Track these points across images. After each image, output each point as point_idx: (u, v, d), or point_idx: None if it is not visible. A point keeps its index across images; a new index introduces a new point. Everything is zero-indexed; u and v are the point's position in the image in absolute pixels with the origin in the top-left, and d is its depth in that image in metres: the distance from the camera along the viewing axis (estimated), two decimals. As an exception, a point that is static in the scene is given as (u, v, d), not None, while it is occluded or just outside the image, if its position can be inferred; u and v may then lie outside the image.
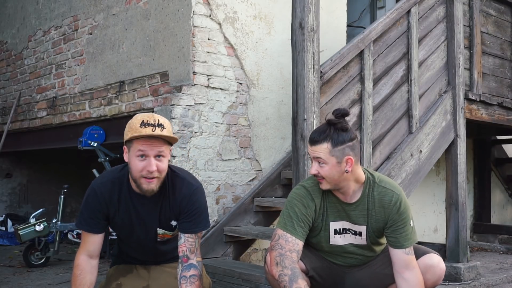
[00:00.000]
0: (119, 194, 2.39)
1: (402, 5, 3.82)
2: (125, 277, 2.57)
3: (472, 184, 6.42)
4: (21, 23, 6.26)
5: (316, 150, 2.35)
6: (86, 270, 2.38)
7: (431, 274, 2.48)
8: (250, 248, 4.18)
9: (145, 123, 2.23)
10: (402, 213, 2.41)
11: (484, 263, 4.78)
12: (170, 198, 2.41)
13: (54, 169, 6.99)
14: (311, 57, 3.13)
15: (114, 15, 4.78)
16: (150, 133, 2.21)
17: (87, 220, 2.40)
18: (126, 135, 2.29)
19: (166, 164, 2.32)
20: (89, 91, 5.03)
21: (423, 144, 3.85)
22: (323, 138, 2.34)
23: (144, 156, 2.25)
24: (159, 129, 2.24)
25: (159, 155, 2.27)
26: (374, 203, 2.43)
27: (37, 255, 4.60)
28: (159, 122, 2.26)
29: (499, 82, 4.86)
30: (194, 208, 2.41)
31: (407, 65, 3.86)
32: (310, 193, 2.45)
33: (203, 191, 2.49)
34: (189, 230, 2.40)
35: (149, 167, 2.25)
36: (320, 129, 2.39)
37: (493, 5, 4.84)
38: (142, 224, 2.44)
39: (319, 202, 2.45)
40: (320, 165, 2.36)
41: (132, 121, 2.29)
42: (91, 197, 2.41)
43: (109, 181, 2.42)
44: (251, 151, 4.30)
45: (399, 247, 2.40)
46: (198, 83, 4.00)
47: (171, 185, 2.42)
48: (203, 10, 4.05)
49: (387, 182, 2.48)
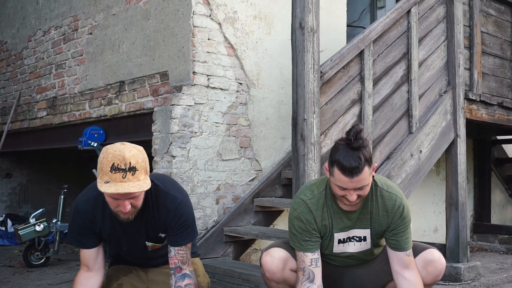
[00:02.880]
0: (103, 211, 2.34)
1: (402, 5, 3.82)
2: (125, 277, 2.57)
3: (472, 184, 6.41)
4: (21, 23, 6.26)
5: (360, 178, 2.22)
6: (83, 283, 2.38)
7: (433, 268, 2.50)
8: (250, 248, 4.18)
9: (115, 167, 2.10)
10: (405, 217, 2.42)
11: (484, 263, 4.78)
12: (155, 213, 2.36)
13: (54, 169, 6.99)
14: (311, 57, 3.13)
15: (114, 15, 4.77)
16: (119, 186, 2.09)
17: (76, 237, 2.40)
18: (98, 175, 2.16)
19: (141, 198, 2.24)
20: (89, 91, 5.03)
21: (423, 144, 3.85)
22: (363, 164, 2.21)
23: (116, 199, 2.18)
24: (130, 174, 2.11)
25: (132, 197, 2.19)
26: (378, 207, 2.42)
27: (37, 255, 4.60)
28: (131, 165, 2.12)
29: (499, 82, 4.85)
30: (180, 222, 2.36)
31: (407, 65, 3.86)
32: (308, 205, 2.40)
33: (188, 203, 2.42)
34: (178, 243, 2.38)
35: (122, 208, 2.19)
36: (349, 156, 2.21)
37: (493, 5, 4.84)
38: (130, 238, 2.42)
39: (319, 214, 2.41)
40: (359, 190, 2.26)
41: (103, 159, 2.14)
42: (76, 215, 2.38)
43: (91, 198, 2.36)
44: (251, 151, 4.30)
45: (400, 249, 2.42)
46: (198, 83, 4.00)
47: (155, 200, 2.35)
48: (203, 10, 4.05)
49: (389, 185, 2.46)
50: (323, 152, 3.26)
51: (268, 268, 2.48)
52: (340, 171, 2.22)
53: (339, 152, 2.25)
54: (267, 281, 2.53)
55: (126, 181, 2.11)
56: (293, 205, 2.45)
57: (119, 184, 2.10)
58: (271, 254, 2.50)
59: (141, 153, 2.20)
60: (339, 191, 2.29)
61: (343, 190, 2.27)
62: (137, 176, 2.14)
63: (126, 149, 2.16)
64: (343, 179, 2.23)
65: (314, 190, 2.43)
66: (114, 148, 2.17)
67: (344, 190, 2.26)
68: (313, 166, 3.09)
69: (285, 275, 2.50)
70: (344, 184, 2.24)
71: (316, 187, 2.45)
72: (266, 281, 2.55)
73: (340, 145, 2.28)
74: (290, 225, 2.44)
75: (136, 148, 2.21)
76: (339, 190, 2.28)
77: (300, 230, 2.39)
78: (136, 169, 2.13)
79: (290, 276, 2.50)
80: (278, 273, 2.48)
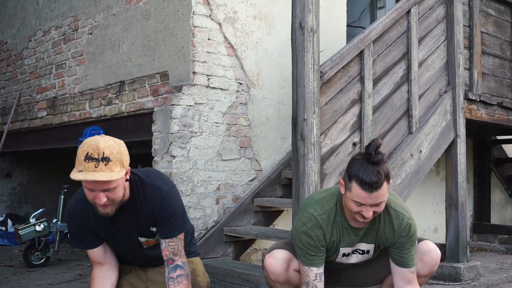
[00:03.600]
0: (94, 211, 2.33)
1: (402, 5, 3.82)
2: (125, 277, 2.58)
3: (472, 184, 6.41)
4: (21, 23, 6.26)
5: (378, 194, 2.17)
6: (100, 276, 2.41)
7: (429, 258, 2.54)
8: (250, 248, 4.18)
9: (89, 157, 2.11)
10: (411, 236, 2.41)
11: (484, 263, 4.78)
12: (143, 207, 2.35)
13: (54, 169, 6.98)
14: (311, 57, 3.13)
15: (114, 15, 4.78)
16: (91, 174, 2.09)
17: (78, 240, 2.41)
18: (75, 165, 2.16)
19: (119, 191, 2.21)
20: (89, 91, 5.03)
21: (423, 144, 3.85)
22: (383, 180, 2.17)
23: (92, 190, 2.17)
24: (103, 164, 2.11)
25: (107, 190, 2.17)
26: (385, 225, 2.40)
27: (37, 255, 4.60)
28: (104, 155, 2.12)
29: (499, 82, 4.86)
30: (167, 214, 2.34)
31: (407, 65, 3.86)
32: (318, 221, 2.35)
33: (174, 193, 2.40)
34: (168, 235, 2.37)
35: (98, 200, 2.18)
36: (369, 171, 2.16)
37: (493, 5, 4.84)
38: (123, 235, 2.42)
39: (329, 231, 2.37)
40: (376, 206, 2.22)
41: (80, 148, 2.16)
42: (70, 219, 2.40)
43: (80, 200, 2.36)
44: (251, 151, 4.30)
45: (404, 266, 2.43)
46: (198, 83, 4.00)
47: (142, 194, 2.34)
48: (203, 10, 4.05)
49: (398, 204, 2.43)
50: (323, 152, 3.26)
51: (272, 270, 2.48)
52: (360, 186, 2.17)
53: (358, 167, 2.19)
54: (272, 283, 2.53)
55: (97, 170, 2.11)
56: (302, 219, 2.38)
57: (90, 173, 2.10)
58: (274, 256, 2.50)
59: (118, 145, 2.19)
60: (355, 207, 2.23)
61: (359, 206, 2.21)
62: (111, 167, 2.13)
63: (102, 140, 2.17)
64: (362, 195, 2.18)
65: (325, 205, 2.38)
66: (91, 139, 2.19)
67: (360, 206, 2.21)
68: (313, 166, 3.10)
69: (289, 276, 2.50)
70: (363, 199, 2.19)
71: (326, 202, 2.39)
72: (270, 283, 2.54)
73: (358, 160, 2.23)
74: (297, 238, 2.39)
75: (113, 140, 2.20)
76: (355, 206, 2.23)
77: (308, 245, 2.36)
78: (109, 159, 2.12)
79: (295, 276, 2.50)
80: (282, 275, 2.48)
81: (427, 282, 3.92)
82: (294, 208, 3.16)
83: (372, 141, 2.24)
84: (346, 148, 3.41)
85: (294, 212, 3.13)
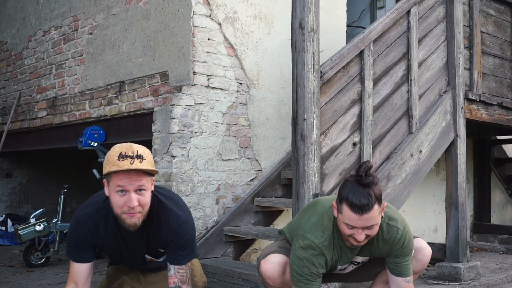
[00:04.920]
0: (105, 225, 2.33)
1: (402, 5, 3.82)
2: (125, 276, 2.58)
3: (472, 184, 6.41)
4: (21, 23, 6.26)
5: (369, 216, 2.16)
6: None
7: (422, 255, 2.57)
8: (250, 248, 4.18)
9: (123, 155, 2.14)
10: (406, 246, 2.41)
11: (484, 263, 4.78)
12: (156, 230, 2.34)
13: (54, 169, 6.99)
14: (311, 57, 3.13)
15: (114, 15, 4.78)
16: (128, 166, 2.12)
17: (74, 250, 2.37)
18: (104, 169, 2.18)
19: (148, 197, 2.23)
20: (89, 91, 5.03)
21: (423, 144, 3.85)
22: (373, 202, 2.15)
23: (124, 191, 2.16)
24: (138, 161, 2.14)
25: (140, 189, 2.18)
26: (378, 240, 2.39)
27: (37, 255, 4.60)
28: (138, 153, 2.16)
29: (499, 82, 4.85)
30: (181, 242, 2.34)
31: (407, 65, 3.86)
32: (321, 250, 2.32)
33: (190, 222, 2.40)
34: (178, 262, 2.36)
35: (129, 202, 2.16)
36: (359, 193, 2.15)
37: (493, 5, 4.84)
38: (130, 251, 2.42)
39: (330, 255, 2.36)
40: (368, 229, 2.21)
41: (110, 153, 2.19)
42: (77, 228, 2.35)
43: (94, 211, 2.35)
44: (251, 151, 4.30)
45: (399, 275, 2.44)
46: (198, 83, 4.00)
47: (157, 216, 2.33)
48: (203, 10, 4.05)
49: (391, 217, 2.41)
50: (323, 152, 3.26)
51: (269, 275, 2.48)
52: (350, 208, 2.16)
53: (348, 189, 2.19)
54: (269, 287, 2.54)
55: (133, 166, 2.13)
56: (302, 245, 2.33)
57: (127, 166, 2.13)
58: (270, 260, 2.49)
59: (148, 151, 2.25)
60: (347, 230, 2.22)
61: (351, 229, 2.21)
62: (145, 165, 2.16)
63: (133, 143, 2.23)
64: (352, 217, 2.17)
65: (325, 231, 2.34)
66: (121, 143, 2.23)
67: (352, 228, 2.20)
68: (313, 166, 3.10)
69: (285, 279, 2.50)
70: (353, 222, 2.18)
71: (326, 228, 2.35)
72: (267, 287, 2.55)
73: (349, 182, 2.22)
74: (297, 265, 2.33)
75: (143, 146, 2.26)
76: (347, 229, 2.22)
77: (310, 273, 2.32)
78: (143, 158, 2.17)
79: None
80: (279, 278, 2.48)
81: (428, 283, 3.93)
82: (294, 208, 3.16)
83: (363, 163, 2.24)
84: (346, 148, 3.41)
85: (294, 212, 3.13)
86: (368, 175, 2.19)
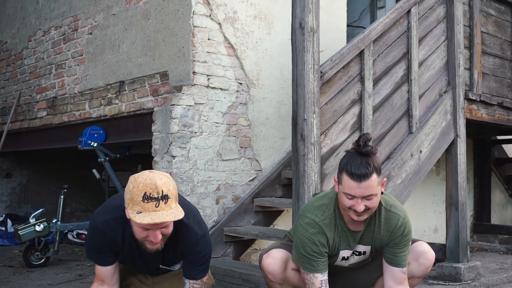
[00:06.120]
0: (123, 233, 2.31)
1: (402, 5, 3.82)
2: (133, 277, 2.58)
3: (472, 184, 6.41)
4: (21, 23, 6.26)
5: (368, 185, 2.20)
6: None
7: (424, 259, 2.56)
8: (250, 248, 4.18)
9: (148, 197, 2.06)
10: (406, 235, 2.43)
11: (484, 263, 4.78)
12: (173, 244, 2.33)
13: (54, 169, 6.99)
14: (311, 57, 3.13)
15: (114, 15, 4.77)
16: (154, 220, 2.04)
17: (96, 254, 2.36)
18: (127, 205, 2.11)
19: (171, 226, 2.18)
20: (89, 91, 5.03)
21: (423, 144, 3.85)
22: (372, 170, 2.19)
23: (147, 229, 2.13)
24: (163, 203, 2.07)
25: (164, 227, 2.14)
26: (380, 226, 2.42)
27: (37, 255, 4.60)
28: (163, 194, 2.07)
29: (499, 82, 4.85)
30: (198, 258, 2.34)
31: (407, 65, 3.86)
32: (321, 227, 2.36)
33: (207, 238, 2.38)
34: (194, 277, 2.36)
35: (153, 238, 2.13)
36: (358, 162, 2.21)
37: (493, 5, 4.84)
38: (145, 261, 2.41)
39: (332, 235, 2.38)
40: (367, 200, 2.23)
41: (134, 189, 2.09)
42: (96, 235, 2.33)
43: (112, 220, 2.31)
44: (251, 151, 4.30)
45: (396, 265, 2.44)
46: (198, 83, 4.00)
47: (175, 231, 2.29)
48: (203, 10, 4.05)
49: (393, 205, 2.45)
50: (323, 152, 3.26)
51: (270, 270, 2.48)
52: (349, 176, 2.21)
53: (348, 159, 2.26)
54: (270, 283, 2.53)
55: (159, 209, 2.07)
56: (303, 225, 2.38)
57: (153, 213, 2.06)
58: (271, 255, 2.50)
59: (171, 180, 2.17)
60: (347, 201, 2.25)
61: (351, 199, 2.24)
62: (170, 204, 2.10)
63: (156, 177, 2.12)
64: (351, 185, 2.21)
65: (325, 210, 2.39)
66: (144, 176, 2.12)
67: (352, 199, 2.23)
68: (313, 166, 3.10)
69: (287, 275, 2.50)
70: (352, 190, 2.21)
71: (326, 208, 2.40)
72: (268, 283, 2.55)
73: (348, 153, 2.29)
74: (300, 245, 2.37)
75: (166, 176, 2.17)
76: (347, 200, 2.25)
77: (312, 252, 2.35)
78: (168, 197, 2.09)
79: (293, 275, 2.50)
80: (280, 274, 2.49)
81: (428, 283, 3.92)
82: (294, 208, 3.16)
83: (362, 134, 2.30)
84: (347, 148, 3.39)
85: (294, 212, 3.13)
86: (367, 145, 2.25)
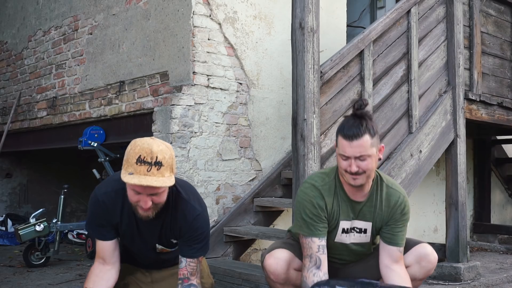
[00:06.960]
0: (122, 206, 2.32)
1: (402, 5, 3.82)
2: (131, 276, 2.58)
3: (472, 184, 6.41)
4: (21, 23, 6.26)
5: (359, 144, 2.25)
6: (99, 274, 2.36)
7: (426, 262, 2.54)
8: (250, 248, 4.18)
9: (141, 160, 2.09)
10: (405, 214, 2.47)
11: (484, 263, 4.78)
12: (172, 219, 2.34)
13: (54, 169, 6.99)
14: (311, 57, 3.13)
15: (114, 15, 4.78)
16: (143, 173, 2.08)
17: (96, 228, 2.37)
18: (123, 166, 2.14)
19: (163, 196, 2.21)
20: (89, 91, 5.03)
21: (423, 144, 3.85)
22: (364, 131, 2.26)
23: (138, 192, 2.15)
24: (155, 169, 2.09)
25: (154, 194, 2.16)
26: (381, 202, 2.45)
27: (37, 255, 4.60)
28: (157, 160, 2.10)
29: (499, 82, 4.86)
30: (195, 235, 2.34)
31: (407, 65, 3.86)
32: (320, 192, 2.41)
33: (206, 217, 2.40)
34: (190, 255, 2.37)
35: (143, 203, 2.16)
36: (351, 123, 2.29)
37: (493, 5, 4.84)
38: (143, 237, 2.41)
39: (330, 201, 2.42)
40: (360, 160, 2.28)
41: (130, 151, 2.14)
42: (95, 206, 2.35)
43: (112, 191, 2.33)
44: (251, 151, 4.30)
45: (394, 244, 2.45)
46: (198, 83, 4.00)
47: (174, 205, 2.32)
48: (203, 10, 4.05)
49: (394, 184, 2.52)
50: (323, 152, 3.26)
51: (273, 271, 2.48)
52: (342, 136, 2.29)
53: (343, 122, 2.35)
54: (272, 283, 2.52)
55: (150, 174, 2.09)
56: (303, 189, 2.45)
57: (143, 176, 2.09)
58: (274, 256, 2.49)
59: (169, 150, 2.19)
60: (342, 162, 2.32)
61: (345, 160, 2.30)
62: (162, 171, 2.12)
63: (154, 143, 2.15)
64: (343, 144, 2.28)
65: (325, 177, 2.46)
66: (143, 141, 2.16)
67: (346, 160, 2.30)
68: (313, 166, 3.10)
69: (289, 275, 2.49)
70: (345, 150, 2.28)
71: (326, 175, 2.47)
72: (270, 283, 2.54)
73: (345, 117, 2.40)
74: (299, 209, 2.43)
75: (165, 144, 2.19)
76: (342, 161, 2.32)
77: (311, 214, 2.39)
78: (162, 164, 2.12)
79: (295, 276, 2.49)
80: (282, 275, 2.48)
81: (428, 283, 3.92)
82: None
83: (359, 99, 2.37)
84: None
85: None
86: (362, 108, 2.32)
